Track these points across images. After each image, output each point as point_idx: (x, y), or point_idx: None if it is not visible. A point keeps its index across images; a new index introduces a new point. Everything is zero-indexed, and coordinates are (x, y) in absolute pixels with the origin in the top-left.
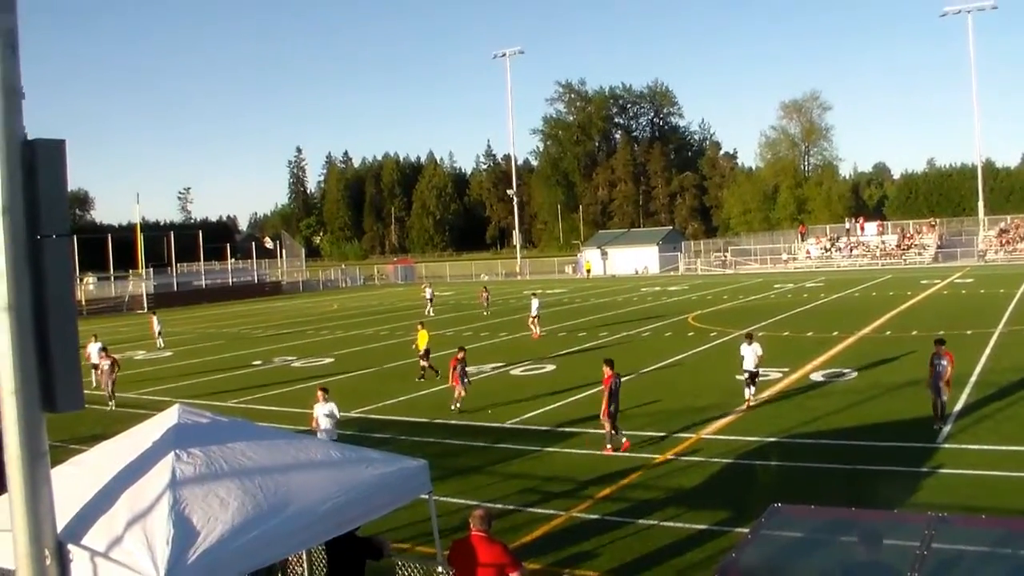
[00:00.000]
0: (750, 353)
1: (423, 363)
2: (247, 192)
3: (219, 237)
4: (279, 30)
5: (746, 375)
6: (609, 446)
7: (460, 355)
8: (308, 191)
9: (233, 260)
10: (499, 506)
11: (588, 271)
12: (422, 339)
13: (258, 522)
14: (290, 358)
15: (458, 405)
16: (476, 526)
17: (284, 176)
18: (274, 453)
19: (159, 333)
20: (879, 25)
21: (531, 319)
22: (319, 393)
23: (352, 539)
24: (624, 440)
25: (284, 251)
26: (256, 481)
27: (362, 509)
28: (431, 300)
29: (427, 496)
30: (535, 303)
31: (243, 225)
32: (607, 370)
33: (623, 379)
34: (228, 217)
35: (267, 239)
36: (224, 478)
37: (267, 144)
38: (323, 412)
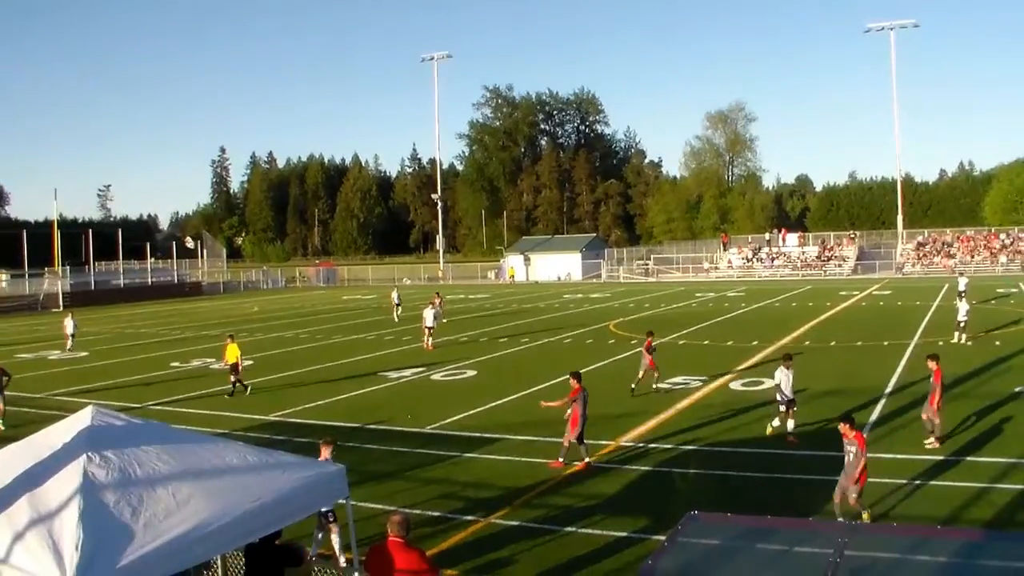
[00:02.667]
0: (786, 378)
1: (232, 378)
2: (169, 191)
3: (139, 236)
4: (204, 28)
5: (784, 403)
6: (562, 459)
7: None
8: (231, 191)
9: (153, 259)
10: (417, 512)
11: (512, 276)
12: (231, 353)
13: (172, 527)
14: (209, 360)
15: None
16: (394, 532)
17: (207, 175)
18: (189, 457)
19: (71, 335)
20: (805, 38)
21: (426, 330)
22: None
23: (270, 545)
24: (585, 460)
25: (205, 251)
26: (171, 486)
27: (279, 514)
28: (398, 305)
29: (344, 501)
30: (430, 313)
31: (164, 224)
32: (574, 383)
33: (544, 385)
34: (149, 216)
35: (188, 239)
36: (138, 482)
37: (190, 143)
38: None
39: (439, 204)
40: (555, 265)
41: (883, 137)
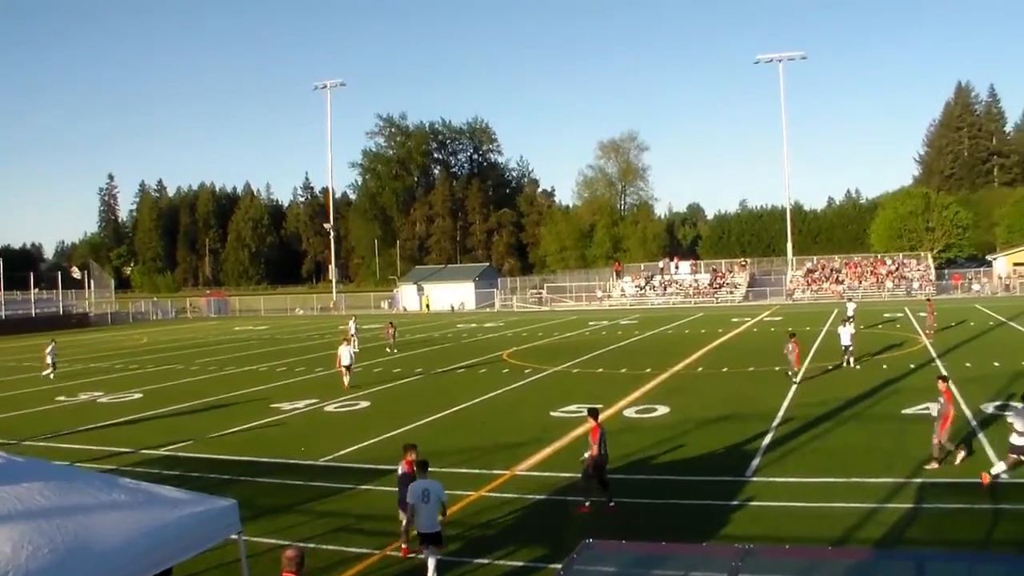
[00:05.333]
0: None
1: None
2: (54, 219)
3: (22, 265)
4: (90, 52)
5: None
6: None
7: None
8: (120, 220)
9: (37, 290)
10: (312, 545)
11: (427, 306)
12: None
13: (55, 567)
14: (97, 393)
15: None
16: (287, 567)
17: (94, 204)
18: (74, 494)
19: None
20: (697, 70)
21: (343, 369)
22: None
23: None
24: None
25: (92, 281)
26: (54, 523)
27: (168, 551)
28: (355, 335)
29: (237, 536)
30: (346, 351)
31: (49, 253)
32: (591, 421)
33: (439, 415)
34: (33, 244)
35: (74, 269)
36: (17, 520)
37: (77, 170)
38: None
39: (331, 233)
40: (449, 294)
41: (773, 166)
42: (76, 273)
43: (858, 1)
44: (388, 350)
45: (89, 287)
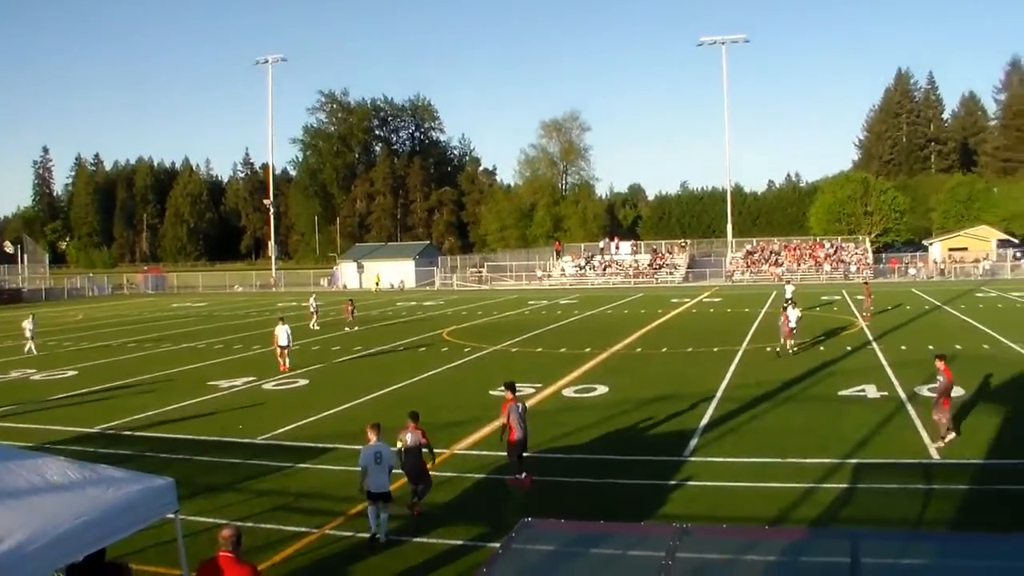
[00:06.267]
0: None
1: None
2: None
3: None
4: (26, 21)
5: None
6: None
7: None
8: (55, 194)
9: None
10: (249, 524)
11: (377, 284)
12: None
13: None
14: (29, 371)
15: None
16: (224, 546)
17: (28, 177)
18: (5, 474)
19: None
20: (640, 51)
21: (279, 350)
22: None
23: (96, 564)
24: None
25: (26, 256)
26: None
27: (103, 531)
28: (316, 312)
29: (173, 515)
30: (284, 331)
31: None
32: (508, 394)
33: (378, 393)
34: None
35: (7, 243)
36: None
37: (10, 142)
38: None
39: (271, 210)
40: (389, 272)
41: (714, 148)
42: (9, 247)
43: None
44: (347, 328)
45: (22, 262)
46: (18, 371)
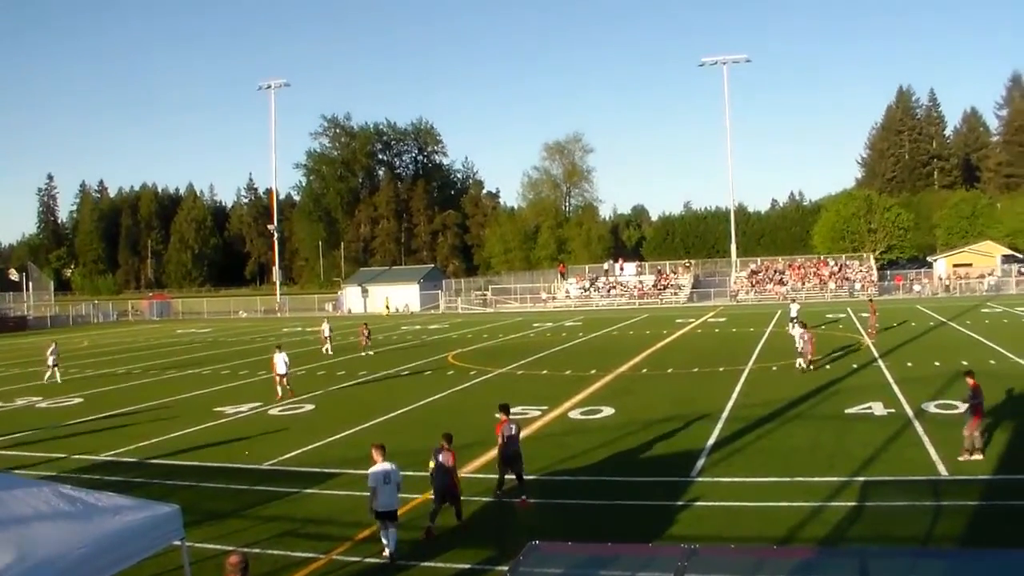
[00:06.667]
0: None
1: None
2: None
3: None
4: (30, 49)
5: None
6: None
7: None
8: (59, 221)
9: None
10: (256, 551)
11: (388, 308)
12: None
13: None
14: (35, 399)
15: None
16: (231, 573)
17: (33, 204)
18: (12, 503)
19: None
20: (642, 72)
21: (277, 378)
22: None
23: None
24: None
25: (31, 284)
26: None
27: (109, 559)
28: (329, 338)
29: (180, 543)
30: (280, 358)
31: None
32: (501, 416)
33: (383, 418)
34: None
35: (12, 271)
36: None
37: (14, 169)
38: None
39: (275, 235)
40: (393, 296)
41: (717, 168)
42: (14, 275)
43: (801, 5)
44: (363, 353)
45: (27, 289)
46: (24, 399)
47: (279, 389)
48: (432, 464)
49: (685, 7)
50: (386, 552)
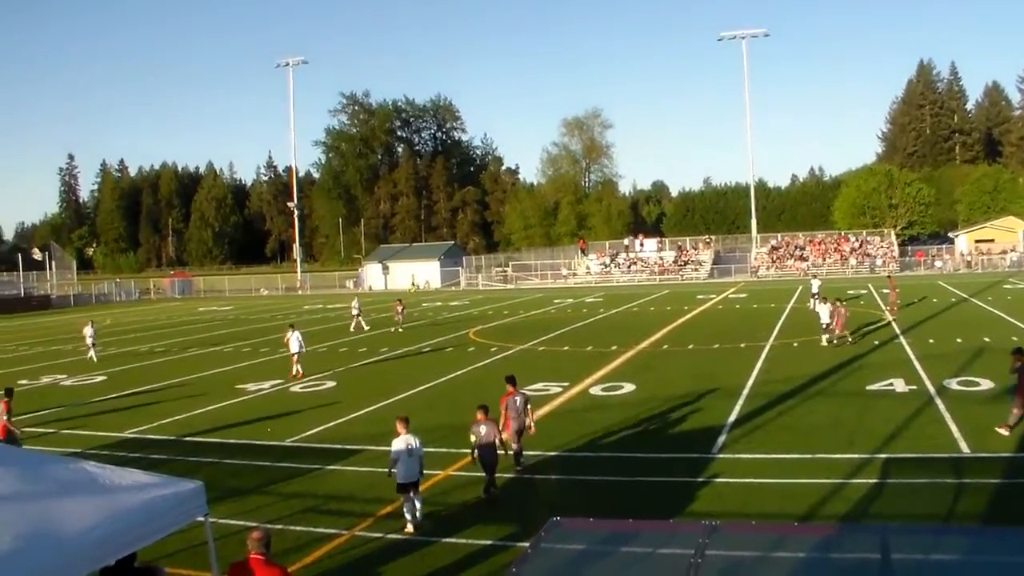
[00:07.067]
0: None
1: None
2: (13, 199)
3: None
4: (50, 29)
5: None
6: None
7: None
8: (81, 200)
9: None
10: (279, 527)
11: (414, 284)
12: None
13: (18, 553)
14: (60, 376)
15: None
16: (254, 548)
17: (54, 184)
18: (36, 478)
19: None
20: (660, 47)
21: (292, 356)
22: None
23: (128, 568)
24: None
25: (54, 263)
26: (16, 508)
27: (134, 535)
28: (358, 315)
29: (203, 519)
30: (295, 337)
31: (8, 234)
32: (508, 387)
33: (405, 395)
34: None
35: (35, 250)
36: None
37: (36, 149)
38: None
39: (295, 212)
40: (414, 273)
41: (737, 143)
42: (37, 255)
43: None
44: (394, 329)
45: (50, 269)
46: (49, 376)
47: (295, 368)
48: (474, 438)
49: None
50: (408, 528)
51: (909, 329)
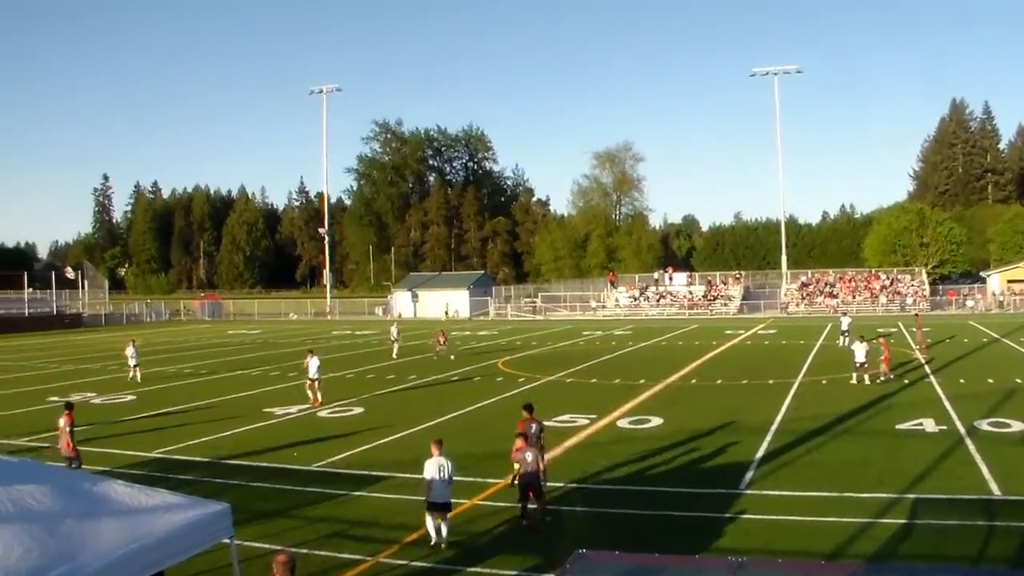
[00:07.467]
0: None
1: None
2: (48, 219)
3: (16, 264)
4: (86, 51)
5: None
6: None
7: None
8: (114, 220)
9: (30, 289)
10: (304, 551)
11: (447, 313)
12: None
13: (46, 569)
14: (90, 395)
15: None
16: (279, 572)
17: (89, 204)
18: (66, 496)
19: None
20: (692, 81)
21: (309, 383)
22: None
23: None
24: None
25: (86, 282)
26: (46, 525)
27: (161, 555)
28: (396, 340)
29: (229, 540)
30: (314, 363)
31: (43, 253)
32: (525, 414)
33: (433, 423)
34: (26, 244)
35: (68, 269)
36: (9, 522)
37: (71, 169)
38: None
39: (326, 238)
40: (443, 302)
41: (768, 179)
42: (70, 273)
43: (854, 16)
44: (449, 358)
45: (83, 287)
46: (79, 394)
47: (311, 394)
48: (519, 466)
49: (736, 17)
50: (432, 542)
51: (940, 368)
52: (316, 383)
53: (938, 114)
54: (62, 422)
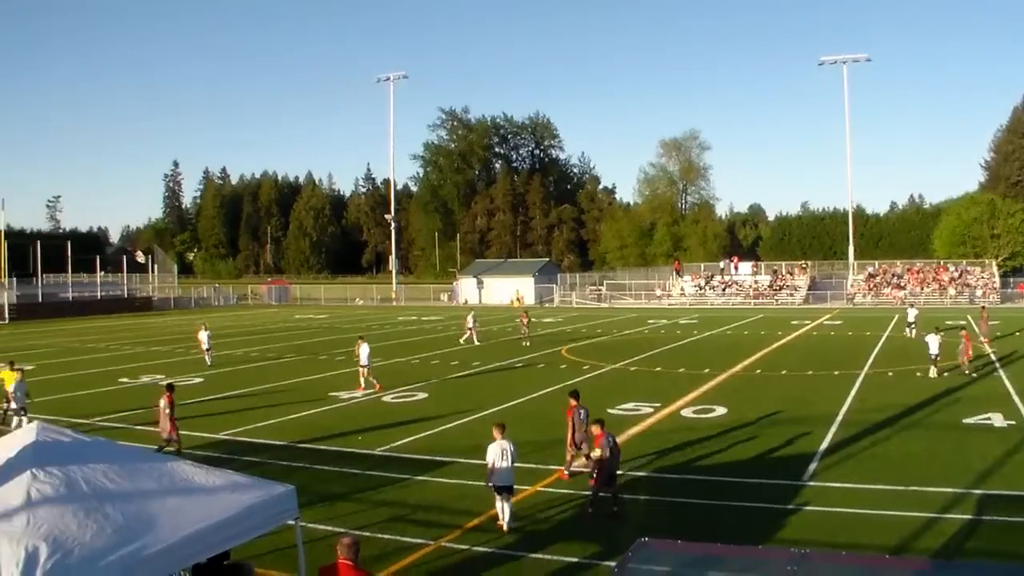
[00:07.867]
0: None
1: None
2: (120, 204)
3: (88, 248)
4: (159, 39)
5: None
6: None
7: None
8: (183, 206)
9: (102, 273)
10: (367, 534)
11: (518, 300)
12: (8, 379)
13: (117, 546)
14: (159, 376)
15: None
16: (343, 554)
17: (159, 189)
18: (137, 475)
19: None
20: (760, 70)
21: (362, 370)
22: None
23: (219, 566)
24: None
25: (156, 266)
26: (117, 503)
27: (227, 534)
28: (473, 328)
29: (294, 522)
30: (364, 350)
31: (114, 237)
32: (572, 401)
33: (495, 409)
34: (99, 228)
35: (139, 253)
36: (83, 499)
37: (143, 156)
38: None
39: (392, 225)
40: (508, 289)
41: (835, 169)
42: (140, 257)
43: (924, 4)
44: (524, 343)
45: (153, 271)
46: (148, 376)
47: (363, 381)
48: (602, 453)
49: (805, 5)
50: (500, 522)
51: (1009, 362)
52: (367, 370)
53: (1011, 103)
54: (162, 403)
